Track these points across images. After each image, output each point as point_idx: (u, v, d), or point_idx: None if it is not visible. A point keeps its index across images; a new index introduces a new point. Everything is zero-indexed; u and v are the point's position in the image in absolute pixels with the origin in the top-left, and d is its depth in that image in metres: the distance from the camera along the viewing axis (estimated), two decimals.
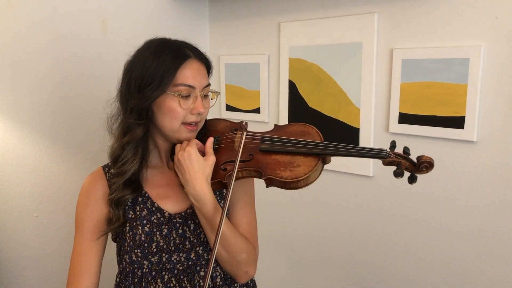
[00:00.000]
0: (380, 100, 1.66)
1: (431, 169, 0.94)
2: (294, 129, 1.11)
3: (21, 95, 1.69)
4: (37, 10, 1.69)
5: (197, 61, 1.07)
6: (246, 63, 2.08)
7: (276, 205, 2.05)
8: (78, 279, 1.09)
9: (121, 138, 1.07)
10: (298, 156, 1.01)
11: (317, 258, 1.97)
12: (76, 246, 1.12)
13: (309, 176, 0.97)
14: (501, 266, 1.44)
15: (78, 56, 1.81)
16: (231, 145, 1.09)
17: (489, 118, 1.41)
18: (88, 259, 1.10)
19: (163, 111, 1.04)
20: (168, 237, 1.09)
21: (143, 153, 1.09)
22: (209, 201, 1.01)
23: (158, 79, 1.01)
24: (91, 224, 1.11)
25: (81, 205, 1.12)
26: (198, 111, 1.05)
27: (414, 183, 0.93)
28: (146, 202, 1.10)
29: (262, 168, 1.01)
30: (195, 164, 1.01)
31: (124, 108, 1.08)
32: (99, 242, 1.12)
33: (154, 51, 1.04)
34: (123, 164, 1.07)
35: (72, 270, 1.11)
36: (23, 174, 1.73)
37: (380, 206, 1.71)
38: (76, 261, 1.11)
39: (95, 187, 1.12)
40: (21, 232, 1.76)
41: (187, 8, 2.16)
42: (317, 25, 1.79)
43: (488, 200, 1.45)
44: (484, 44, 1.39)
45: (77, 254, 1.11)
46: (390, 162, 0.96)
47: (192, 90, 1.04)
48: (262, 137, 1.07)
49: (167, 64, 1.01)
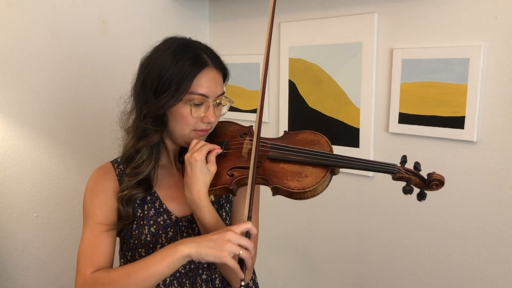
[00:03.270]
0: (380, 100, 1.66)
1: (441, 187, 0.91)
2: (304, 137, 1.09)
3: (21, 95, 1.69)
4: (37, 10, 1.69)
5: (215, 69, 1.05)
6: (246, 63, 2.08)
7: (276, 205, 2.05)
8: (91, 258, 1.02)
9: (136, 141, 1.06)
10: (306, 166, 0.99)
11: (317, 257, 1.97)
12: (86, 231, 1.06)
13: (317, 188, 0.96)
14: (501, 266, 1.44)
15: (78, 56, 1.81)
16: (239, 150, 1.08)
17: (489, 118, 1.41)
18: (101, 242, 1.04)
19: (174, 116, 1.03)
20: (173, 240, 1.08)
21: (157, 155, 1.09)
22: (204, 207, 1.01)
23: (175, 86, 0.99)
24: (103, 211, 1.07)
25: (90, 193, 1.09)
26: (209, 120, 1.04)
27: (423, 200, 0.91)
28: (155, 202, 1.10)
29: (269, 176, 1.00)
30: (198, 171, 1.00)
31: (138, 107, 1.06)
32: (110, 233, 1.07)
33: (174, 53, 1.02)
34: (138, 166, 1.06)
35: (83, 252, 1.03)
36: (23, 174, 1.73)
37: (380, 206, 1.71)
38: (88, 244, 1.04)
39: (104, 178, 1.11)
40: (21, 232, 1.76)
41: (187, 8, 2.16)
42: (317, 25, 1.79)
43: (488, 200, 1.45)
44: (484, 44, 1.39)
45: (87, 242, 1.04)
46: (400, 178, 0.94)
47: (205, 99, 1.03)
48: (271, 144, 1.06)
49: (185, 70, 1.00)
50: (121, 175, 1.11)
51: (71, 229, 1.87)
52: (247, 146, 1.07)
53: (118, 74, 1.91)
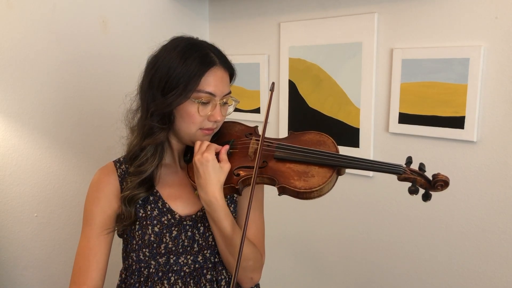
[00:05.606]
0: (380, 100, 1.66)
1: (446, 187, 0.92)
2: (309, 138, 1.09)
3: (21, 95, 1.69)
4: (37, 10, 1.69)
5: (222, 68, 1.06)
6: (246, 63, 2.08)
7: (276, 206, 2.05)
8: (85, 273, 1.07)
9: (142, 139, 1.06)
10: (312, 166, 0.99)
11: (317, 257, 1.97)
12: (83, 240, 1.09)
13: (323, 188, 0.96)
14: (501, 266, 1.44)
15: (78, 56, 1.81)
16: (245, 150, 1.08)
17: (489, 118, 1.41)
18: (96, 254, 1.08)
19: (181, 114, 1.04)
20: (177, 239, 1.08)
21: (161, 154, 1.09)
22: (220, 207, 1.01)
23: (183, 85, 1.00)
24: (101, 219, 1.09)
25: (91, 199, 1.11)
26: (216, 119, 1.04)
27: (428, 201, 0.92)
28: (158, 201, 1.10)
29: (275, 176, 1.00)
30: (211, 170, 1.00)
31: (144, 105, 1.07)
32: (107, 238, 1.10)
33: (181, 52, 1.02)
34: (142, 164, 1.06)
35: (78, 264, 1.08)
36: (23, 174, 1.73)
37: (380, 206, 1.71)
38: (83, 255, 1.08)
39: (106, 181, 1.11)
40: (21, 232, 1.76)
41: (187, 8, 2.16)
42: (317, 25, 1.79)
43: (488, 200, 1.45)
44: (484, 44, 1.39)
45: (84, 248, 1.08)
46: (405, 179, 0.95)
47: (212, 97, 1.03)
48: (277, 144, 1.06)
49: (193, 69, 1.00)
50: (123, 175, 1.11)
51: (71, 229, 1.87)
52: (253, 146, 1.08)
53: (118, 74, 1.91)
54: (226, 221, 1.02)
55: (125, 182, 1.09)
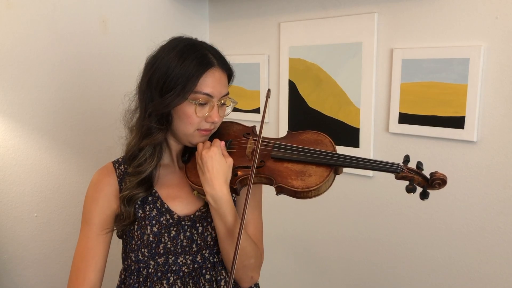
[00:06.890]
0: (380, 100, 1.66)
1: (444, 186, 0.93)
2: (307, 137, 1.10)
3: (21, 95, 1.69)
4: (37, 10, 1.69)
5: (220, 70, 1.06)
6: (246, 63, 2.08)
7: (275, 205, 2.05)
8: (83, 274, 1.07)
9: (140, 139, 1.06)
10: (310, 165, 1.00)
11: (316, 257, 1.97)
12: (82, 240, 1.10)
13: (321, 187, 0.96)
14: (501, 266, 1.44)
15: (78, 56, 1.81)
16: (243, 150, 1.09)
17: (489, 118, 1.41)
18: (94, 254, 1.08)
19: (178, 115, 1.04)
20: (176, 239, 1.08)
21: (160, 154, 1.09)
22: (227, 201, 1.01)
23: (181, 85, 1.00)
24: (100, 219, 1.09)
25: (90, 199, 1.11)
26: (213, 120, 1.05)
27: (426, 199, 0.92)
28: (156, 202, 1.10)
29: (273, 176, 1.00)
30: (217, 164, 1.01)
31: (142, 106, 1.07)
32: (106, 238, 1.10)
33: (180, 52, 1.02)
34: (140, 164, 1.07)
35: (77, 265, 1.08)
36: (23, 174, 1.73)
37: (380, 206, 1.71)
38: (82, 255, 1.08)
39: (105, 182, 1.11)
40: (21, 232, 1.76)
41: (187, 8, 2.16)
42: (317, 25, 1.79)
43: (488, 200, 1.45)
44: (484, 44, 1.39)
45: (83, 249, 1.09)
46: (403, 177, 0.95)
47: (210, 99, 1.03)
48: (274, 144, 1.06)
49: (191, 70, 1.00)
50: (122, 175, 1.11)
51: (71, 229, 1.87)
52: (251, 146, 1.08)
53: (118, 74, 1.91)
54: (231, 216, 1.02)
55: (124, 182, 1.09)
